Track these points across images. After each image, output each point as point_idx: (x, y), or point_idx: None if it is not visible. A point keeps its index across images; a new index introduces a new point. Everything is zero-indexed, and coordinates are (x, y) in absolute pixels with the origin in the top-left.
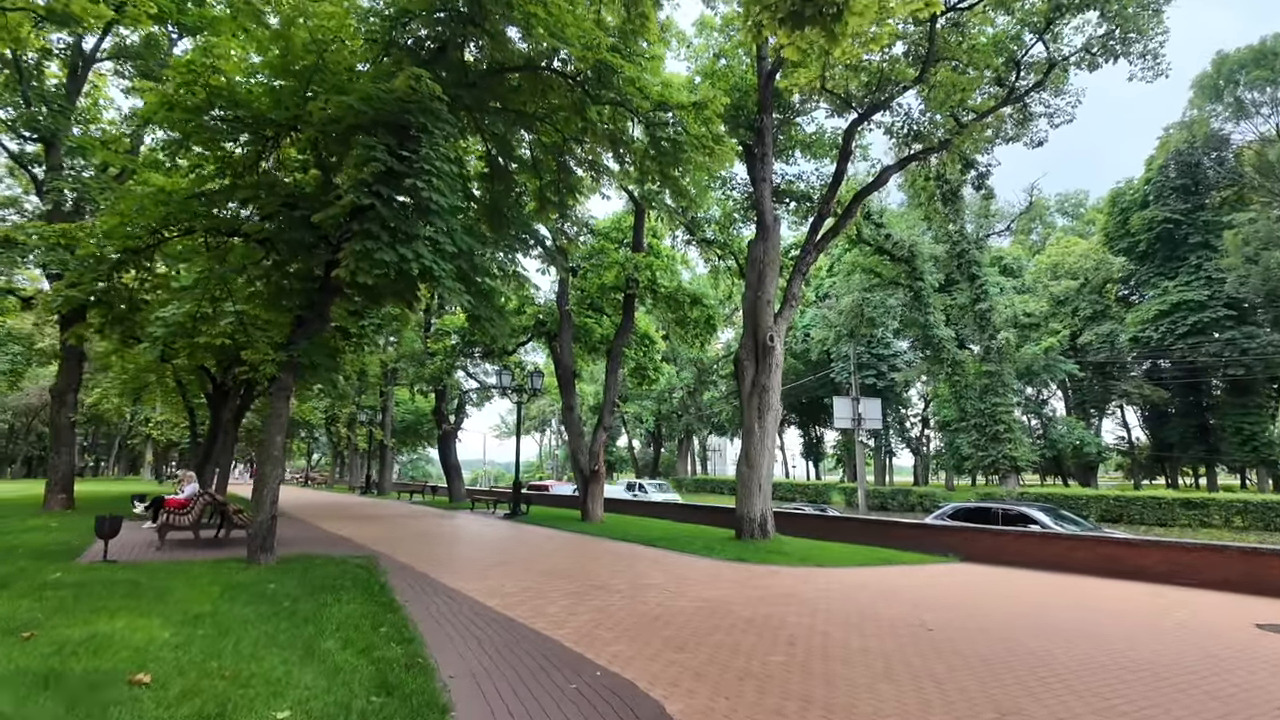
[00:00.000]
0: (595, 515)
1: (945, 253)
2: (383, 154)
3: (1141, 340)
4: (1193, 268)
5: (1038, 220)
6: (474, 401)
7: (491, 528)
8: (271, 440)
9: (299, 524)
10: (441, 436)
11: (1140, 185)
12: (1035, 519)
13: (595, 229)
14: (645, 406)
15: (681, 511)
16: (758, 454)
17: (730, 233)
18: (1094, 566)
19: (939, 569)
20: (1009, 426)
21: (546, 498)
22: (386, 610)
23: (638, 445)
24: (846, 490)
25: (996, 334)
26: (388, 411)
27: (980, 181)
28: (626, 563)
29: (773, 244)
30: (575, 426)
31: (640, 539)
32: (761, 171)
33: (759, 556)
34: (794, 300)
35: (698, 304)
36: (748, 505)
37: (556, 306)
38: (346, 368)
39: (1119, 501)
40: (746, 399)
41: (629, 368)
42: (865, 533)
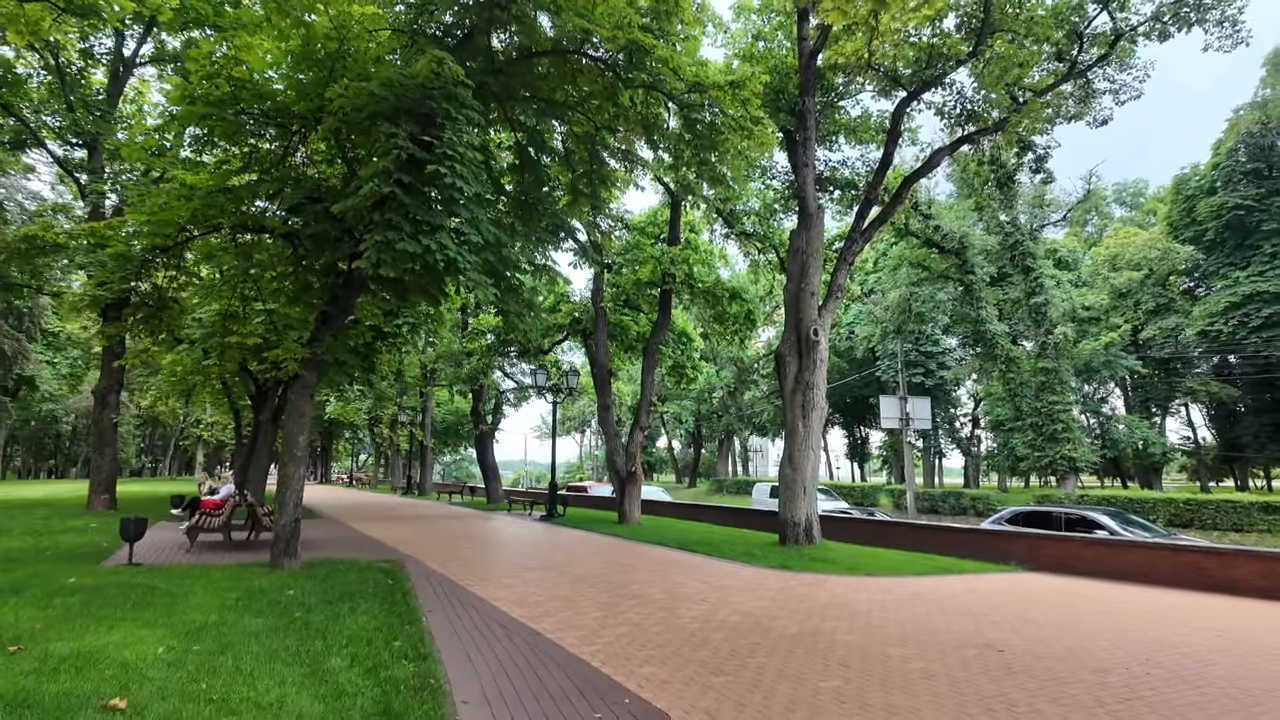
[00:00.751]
0: (632, 517)
1: (998, 245)
2: (404, 141)
3: (1210, 334)
4: (1267, 257)
5: (1094, 211)
6: (511, 402)
7: (526, 530)
8: (293, 440)
9: (334, 525)
10: (479, 437)
11: (1207, 170)
12: (1101, 524)
13: (630, 224)
14: (685, 407)
15: (722, 514)
16: (802, 455)
17: (770, 225)
18: (1176, 578)
19: (1002, 579)
20: (1067, 426)
21: (585, 499)
22: (404, 622)
23: (678, 446)
24: (894, 492)
25: (1053, 329)
26: (427, 412)
27: (1038, 164)
28: (663, 569)
29: (816, 233)
30: (611, 426)
31: (678, 543)
32: (804, 157)
33: (804, 564)
34: (839, 292)
35: (737, 298)
36: (792, 509)
37: (591, 304)
38: (383, 367)
39: (1189, 505)
40: (789, 397)
41: (666, 366)
42: (919, 538)
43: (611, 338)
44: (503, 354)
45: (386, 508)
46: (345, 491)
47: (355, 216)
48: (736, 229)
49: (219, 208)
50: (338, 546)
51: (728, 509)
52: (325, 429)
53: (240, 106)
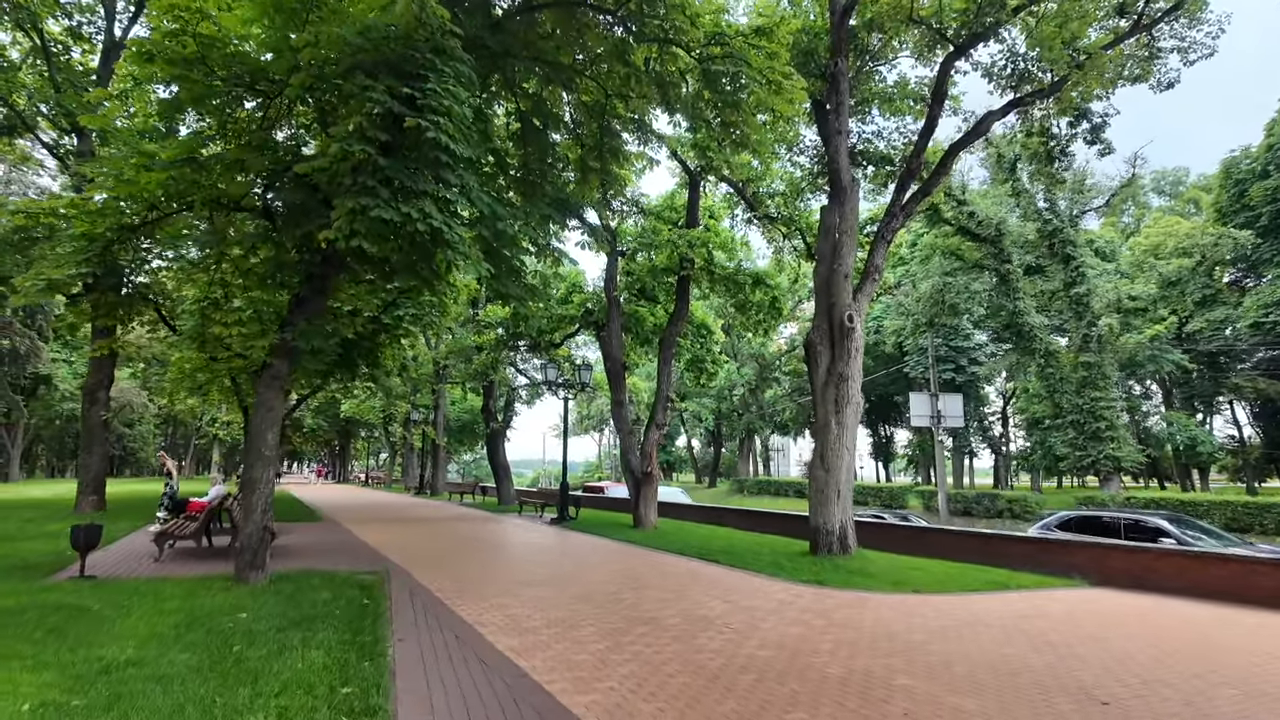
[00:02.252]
0: (648, 521)
1: (1036, 232)
2: (381, 94)
3: (1264, 326)
4: None
5: (1130, 201)
6: (524, 399)
7: (534, 535)
8: (260, 437)
9: (330, 528)
10: (490, 435)
11: (1260, 153)
12: (1164, 530)
13: (646, 208)
14: (704, 405)
15: (745, 518)
16: (835, 454)
17: (797, 207)
18: (1277, 599)
19: (1068, 596)
20: (1111, 424)
21: (601, 500)
22: (364, 657)
23: (697, 445)
24: (924, 493)
25: (1096, 321)
26: (440, 410)
27: (1095, 134)
28: (680, 584)
29: (850, 208)
30: (625, 424)
31: (698, 552)
32: (835, 124)
33: (840, 578)
34: (876, 274)
35: (760, 284)
36: (824, 514)
37: (604, 293)
38: (387, 362)
39: (1246, 509)
40: (820, 390)
41: (684, 360)
42: (964, 547)
43: (626, 330)
44: (513, 348)
45: (393, 509)
46: (358, 491)
47: (331, 184)
48: (760, 211)
49: (188, 181)
50: (323, 554)
51: (751, 512)
52: (343, 428)
53: (210, 68)
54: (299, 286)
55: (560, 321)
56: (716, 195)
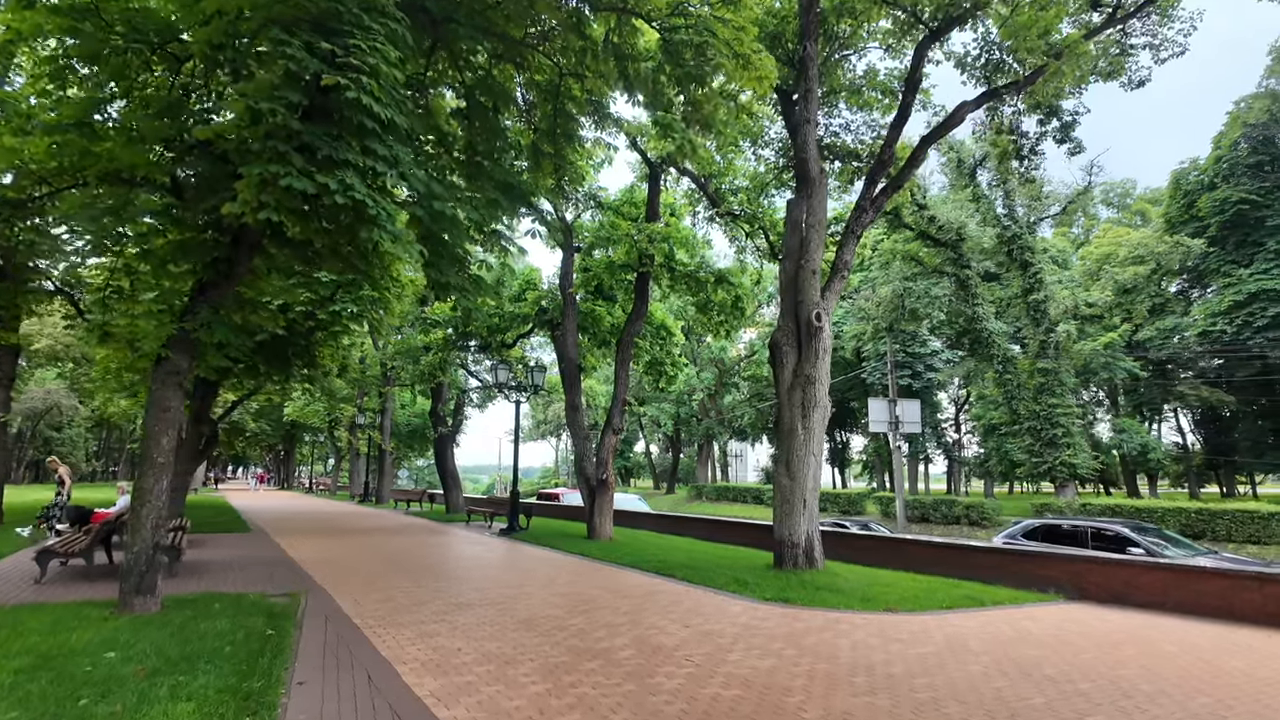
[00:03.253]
0: (603, 532)
1: (995, 238)
2: (298, 49)
3: (1213, 335)
4: (1272, 254)
5: (1080, 212)
6: (475, 402)
7: (480, 548)
8: (154, 442)
9: (257, 540)
10: (438, 440)
11: (1209, 164)
12: (1134, 540)
13: (604, 203)
14: (663, 409)
15: (705, 527)
16: (801, 461)
17: (760, 204)
18: (1266, 615)
19: (1049, 614)
20: (1068, 430)
21: (556, 508)
22: (245, 711)
23: (655, 451)
24: (882, 500)
25: (1054, 327)
26: (386, 414)
27: (1065, 133)
28: (636, 606)
29: (818, 201)
30: (580, 428)
31: (656, 566)
32: (805, 112)
33: (808, 596)
34: (844, 270)
35: (723, 283)
36: (789, 526)
37: (559, 291)
38: (326, 361)
39: (1201, 515)
40: (786, 393)
41: (643, 363)
42: (933, 558)
43: (582, 330)
44: (462, 348)
45: (332, 518)
46: (300, 499)
47: (241, 152)
48: (723, 208)
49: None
50: (238, 572)
51: (712, 521)
52: (287, 432)
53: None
54: (202, 270)
55: (513, 320)
56: (678, 191)
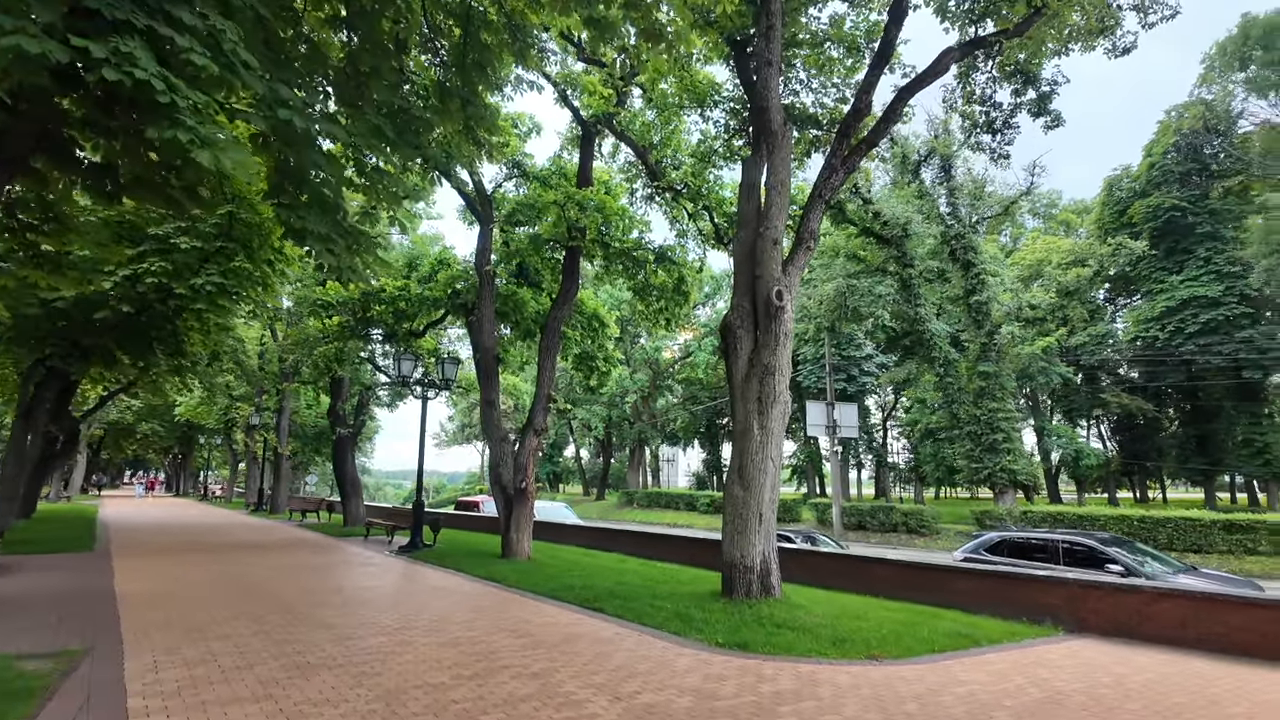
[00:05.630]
0: (520, 550)
1: (938, 237)
2: None
3: (1145, 340)
4: (1201, 260)
5: (1008, 221)
6: (383, 401)
7: (370, 571)
8: None
9: (93, 562)
10: (336, 442)
11: (1142, 172)
12: (1111, 556)
13: (529, 172)
14: (595, 412)
15: (639, 542)
16: (757, 467)
17: (706, 179)
18: None
19: (1060, 655)
20: (1008, 435)
21: (475, 520)
22: None
23: (586, 455)
24: (818, 507)
25: (997, 329)
26: (284, 413)
27: (1041, 106)
28: (550, 661)
29: (781, 158)
30: (496, 428)
31: (580, 595)
32: (766, 53)
33: (769, 637)
34: (810, 241)
35: (665, 261)
36: (742, 546)
37: (475, 269)
38: (195, 347)
39: (1144, 523)
40: (740, 386)
41: (572, 355)
42: (903, 581)
43: (503, 316)
44: (360, 336)
45: (209, 532)
46: (189, 507)
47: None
48: (664, 183)
49: None
50: (18, 614)
51: (647, 535)
52: (183, 434)
53: None
54: None
55: (421, 304)
56: (614, 167)
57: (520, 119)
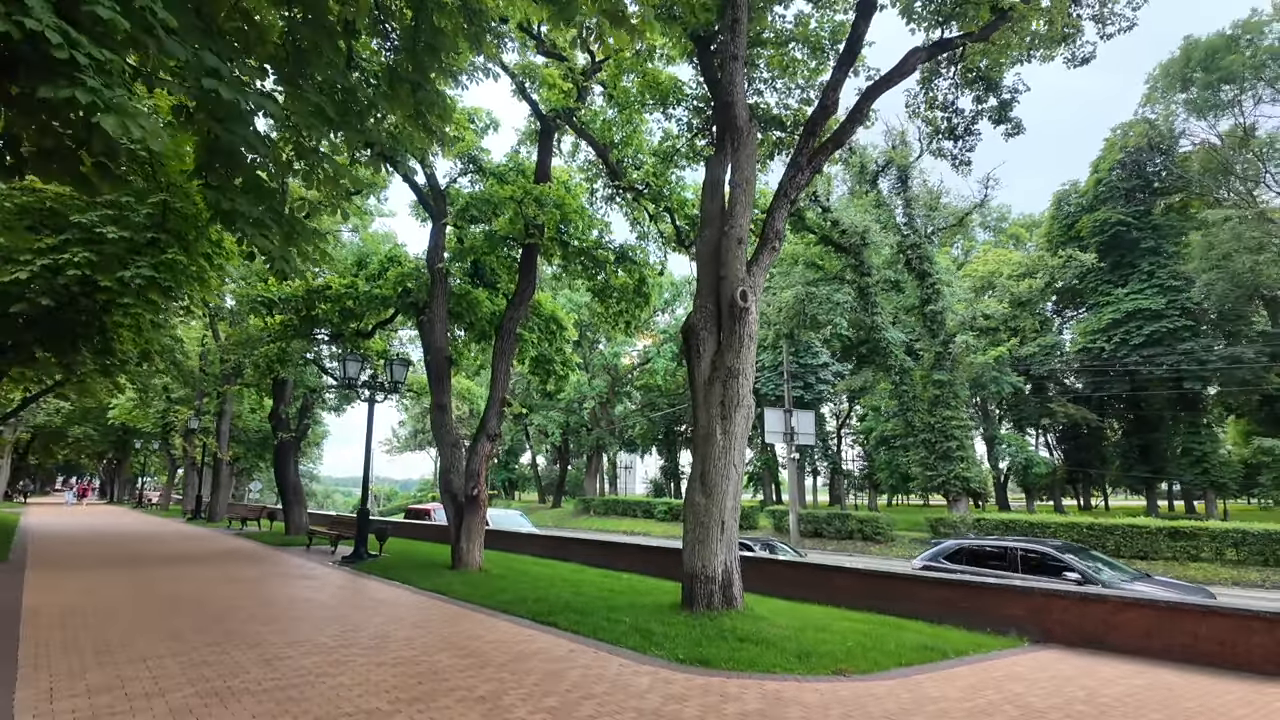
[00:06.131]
0: (471, 560)
1: (894, 246)
2: None
3: (1092, 351)
4: (1144, 274)
5: (960, 234)
6: (329, 405)
7: (309, 584)
8: None
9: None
10: (278, 447)
11: (1089, 188)
12: (1069, 564)
13: (485, 167)
14: (552, 418)
15: (594, 550)
16: (720, 473)
17: (668, 179)
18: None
19: (1029, 668)
20: (961, 443)
21: (425, 529)
22: None
23: (542, 462)
24: (775, 514)
25: (951, 339)
26: (225, 417)
27: (1002, 113)
28: (499, 683)
29: (746, 155)
30: (448, 432)
31: (533, 609)
32: (731, 47)
33: (732, 652)
34: (775, 240)
35: (625, 261)
36: (703, 555)
37: (427, 268)
38: (126, 346)
39: (1092, 530)
40: (703, 389)
41: (528, 358)
42: (865, 591)
43: (457, 317)
44: (304, 335)
45: (140, 542)
46: (123, 516)
47: None
48: (625, 182)
49: None
50: None
51: (604, 543)
52: (118, 439)
53: None
54: None
55: (370, 303)
56: (573, 166)
57: (477, 114)
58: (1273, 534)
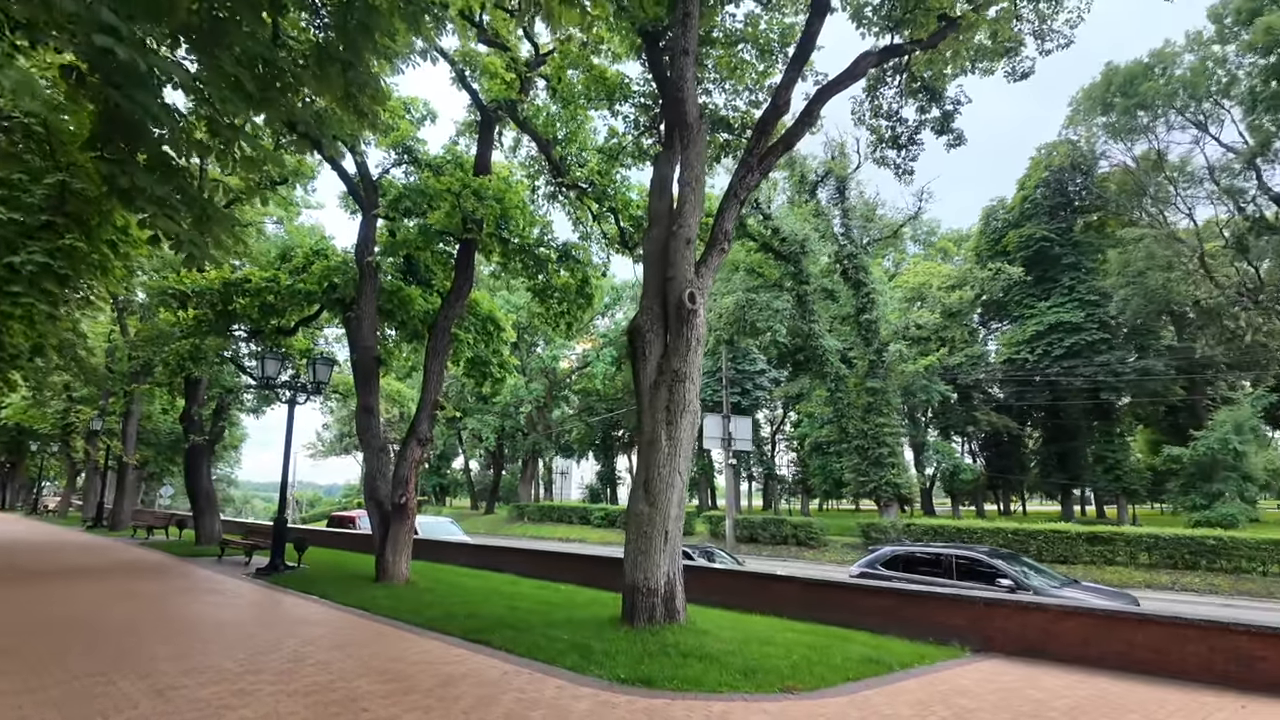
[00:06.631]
0: (398, 573)
1: (831, 255)
2: None
3: (1016, 362)
4: (1065, 289)
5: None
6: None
7: (214, 601)
8: None
9: None
10: (190, 450)
11: (1016, 204)
12: (1003, 571)
13: (421, 159)
14: (486, 422)
15: (529, 560)
16: (664, 481)
17: (613, 178)
18: (1210, 672)
19: (973, 678)
20: (893, 450)
21: (347, 538)
22: None
23: (476, 468)
24: (711, 519)
25: (885, 347)
26: (132, 418)
27: (944, 124)
28: (418, 711)
29: (696, 152)
30: (375, 436)
31: (465, 626)
32: (684, 41)
33: (675, 670)
34: (724, 241)
35: (568, 259)
36: (646, 567)
37: (356, 261)
38: (17, 339)
39: (1016, 535)
40: (648, 393)
41: (464, 359)
42: (806, 600)
43: (388, 315)
44: (218, 331)
45: (27, 551)
46: (16, 524)
47: None
48: (568, 179)
49: None
50: None
51: (539, 553)
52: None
53: None
54: None
55: (293, 298)
56: (514, 162)
57: (413, 103)
58: (1182, 539)
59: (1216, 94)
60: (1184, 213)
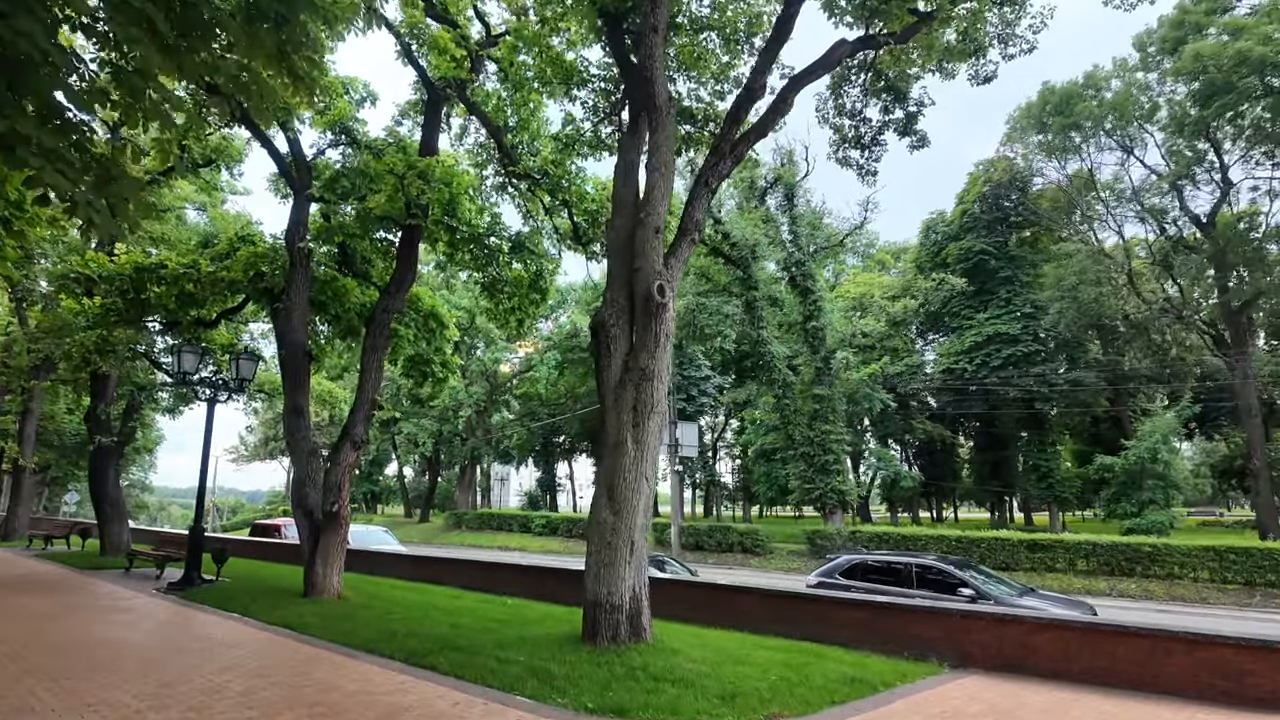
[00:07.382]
0: (328, 586)
1: (780, 262)
2: None
3: (955, 372)
4: (1002, 301)
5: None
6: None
7: (119, 620)
8: None
9: None
10: (95, 452)
11: (955, 217)
12: (963, 579)
13: (361, 140)
14: (423, 426)
15: (472, 572)
16: (630, 487)
17: (567, 170)
18: (1196, 687)
19: (958, 698)
20: (838, 457)
21: (272, 548)
22: None
23: (410, 473)
24: (658, 526)
25: (832, 354)
26: (30, 417)
27: (907, 126)
28: None
29: (665, 136)
30: (304, 440)
31: (404, 646)
32: (652, 18)
33: (646, 697)
34: (695, 232)
35: (521, 250)
36: (609, 580)
37: (285, 248)
38: None
39: (960, 542)
40: (613, 391)
41: (404, 357)
42: (773, 614)
43: (320, 307)
44: (130, 322)
45: None
46: None
47: None
48: (520, 167)
49: None
50: None
51: (483, 564)
52: None
53: None
54: None
55: (215, 287)
56: (461, 149)
57: (353, 83)
58: (1118, 546)
59: (1140, 119)
60: (1114, 230)
